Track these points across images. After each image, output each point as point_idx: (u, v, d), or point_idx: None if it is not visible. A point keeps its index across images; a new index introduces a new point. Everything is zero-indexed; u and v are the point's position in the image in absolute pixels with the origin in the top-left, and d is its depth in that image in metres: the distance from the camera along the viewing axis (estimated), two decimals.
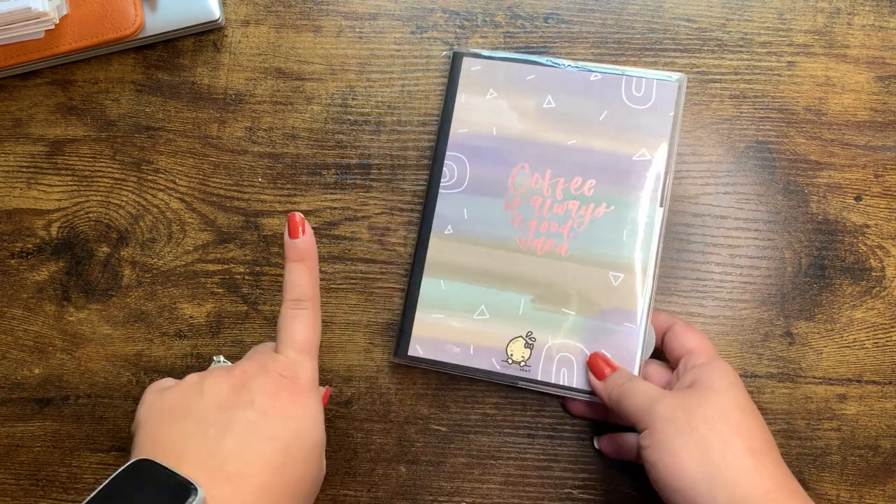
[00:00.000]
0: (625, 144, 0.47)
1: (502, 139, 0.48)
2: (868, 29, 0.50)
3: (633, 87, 0.47)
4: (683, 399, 0.41)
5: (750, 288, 0.49)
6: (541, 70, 0.48)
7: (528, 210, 0.47)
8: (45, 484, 0.49)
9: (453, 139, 0.48)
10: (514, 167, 0.47)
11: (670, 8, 0.51)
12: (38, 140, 0.51)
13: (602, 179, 0.47)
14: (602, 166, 0.47)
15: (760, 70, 0.50)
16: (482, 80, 0.49)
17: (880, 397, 0.48)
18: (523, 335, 0.47)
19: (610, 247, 0.46)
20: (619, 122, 0.47)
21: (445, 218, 0.48)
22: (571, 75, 0.48)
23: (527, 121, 0.48)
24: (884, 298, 0.49)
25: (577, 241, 0.47)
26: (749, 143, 0.50)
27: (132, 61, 0.51)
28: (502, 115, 0.48)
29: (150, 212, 0.50)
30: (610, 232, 0.46)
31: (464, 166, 0.48)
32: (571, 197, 0.47)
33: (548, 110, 0.48)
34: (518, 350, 0.47)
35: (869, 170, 0.50)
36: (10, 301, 0.50)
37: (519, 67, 0.48)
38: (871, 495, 0.48)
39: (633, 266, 0.46)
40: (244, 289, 0.50)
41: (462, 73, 0.49)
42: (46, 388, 0.50)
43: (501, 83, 0.48)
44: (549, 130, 0.48)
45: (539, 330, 0.47)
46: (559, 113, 0.48)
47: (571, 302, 0.47)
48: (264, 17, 0.51)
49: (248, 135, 0.51)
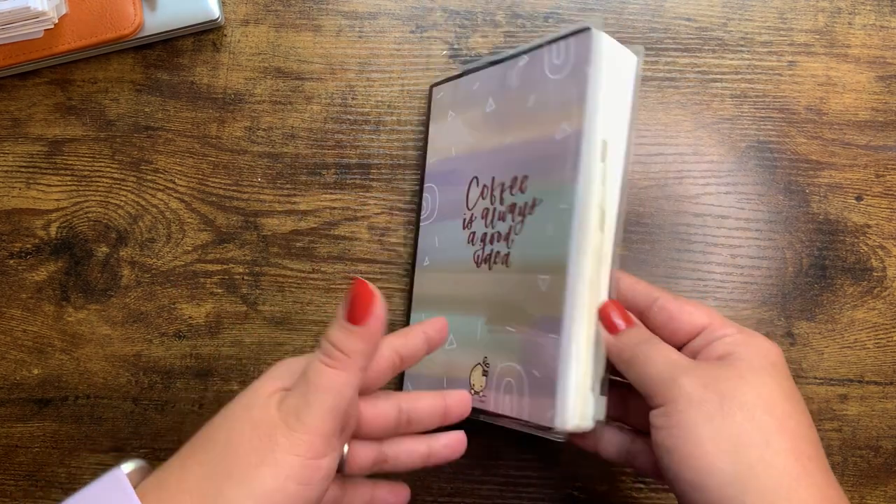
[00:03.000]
0: (548, 125, 0.39)
1: (459, 158, 0.45)
2: (869, 28, 0.50)
3: (554, 55, 0.39)
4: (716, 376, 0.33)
5: (751, 288, 0.49)
6: (482, 75, 0.44)
7: (479, 225, 0.43)
8: (43, 484, 0.49)
9: (428, 170, 0.48)
10: (467, 183, 0.44)
11: (671, 7, 0.51)
12: (37, 140, 0.51)
13: (532, 172, 0.40)
14: (530, 158, 0.40)
15: (761, 70, 0.50)
16: (444, 104, 0.47)
17: (881, 398, 0.48)
18: (481, 362, 0.41)
19: (539, 247, 0.39)
20: (543, 101, 0.39)
21: (424, 251, 0.47)
22: (504, 69, 0.43)
23: (476, 131, 0.44)
24: (885, 298, 0.49)
25: (516, 248, 0.40)
26: (750, 142, 0.50)
27: (131, 61, 0.51)
28: (458, 133, 0.46)
29: (150, 212, 0.50)
30: (539, 230, 0.39)
31: (435, 196, 0.47)
32: (511, 200, 0.41)
33: (489, 114, 0.43)
34: (478, 379, 0.42)
35: (870, 170, 0.50)
36: (9, 301, 0.50)
37: (467, 80, 0.45)
38: (872, 496, 0.48)
39: (556, 264, 0.37)
40: (243, 289, 0.50)
41: (433, 103, 0.48)
42: (45, 388, 0.50)
43: (457, 101, 0.46)
44: (491, 135, 0.43)
45: (492, 354, 0.41)
46: (498, 114, 0.43)
47: (513, 317, 0.40)
48: (264, 16, 0.51)
49: (248, 134, 0.51)
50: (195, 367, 0.49)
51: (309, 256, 0.50)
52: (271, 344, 0.49)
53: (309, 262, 0.50)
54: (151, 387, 0.49)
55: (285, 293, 0.50)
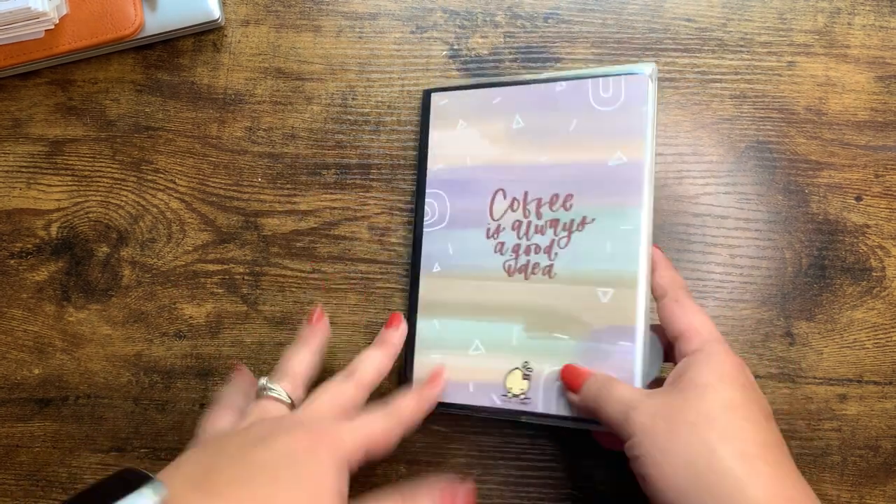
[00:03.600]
0: (598, 151, 0.44)
1: (477, 168, 0.47)
2: (868, 29, 0.50)
3: (601, 88, 0.44)
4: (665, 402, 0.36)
5: (750, 288, 0.49)
6: (506, 91, 0.47)
7: (510, 236, 0.46)
8: (44, 484, 0.49)
9: (431, 177, 0.48)
10: (492, 194, 0.46)
11: (671, 8, 0.51)
12: (38, 140, 0.51)
13: (580, 192, 0.44)
14: (578, 179, 0.44)
15: (761, 70, 0.50)
16: (451, 112, 0.48)
17: (881, 398, 0.48)
18: (520, 366, 0.44)
19: (595, 262, 0.43)
20: (590, 128, 0.44)
21: (432, 256, 0.47)
22: (537, 90, 0.46)
23: (498, 145, 0.46)
24: (884, 298, 0.49)
25: (561, 260, 0.44)
26: (749, 142, 0.50)
27: (132, 61, 0.51)
28: (474, 144, 0.47)
29: (150, 212, 0.50)
30: (593, 246, 0.43)
31: (444, 202, 0.47)
32: (551, 216, 0.45)
33: (517, 130, 0.46)
34: (516, 382, 0.44)
35: (869, 170, 0.50)
36: (10, 301, 0.50)
37: (484, 93, 0.47)
38: (871, 496, 0.48)
39: (621, 279, 0.42)
40: (244, 289, 0.50)
41: (432, 109, 0.48)
42: (46, 388, 0.50)
43: (470, 112, 0.47)
44: (521, 151, 0.46)
45: (535, 359, 0.44)
46: (529, 131, 0.46)
47: (563, 325, 0.44)
48: (264, 16, 0.51)
49: (248, 135, 0.51)
50: (196, 367, 0.49)
51: (309, 256, 0.50)
52: (271, 344, 0.50)
53: (309, 262, 0.50)
54: (152, 386, 0.49)
55: (285, 293, 0.50)
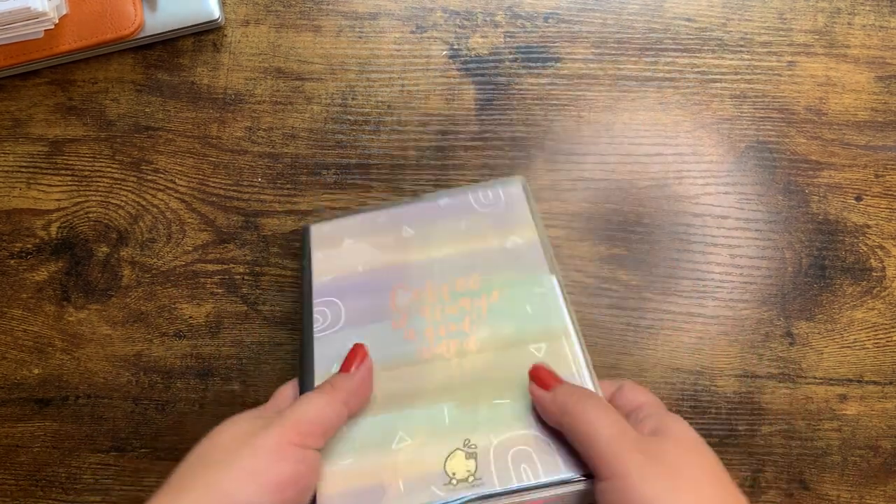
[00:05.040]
0: (493, 238, 0.46)
1: (371, 272, 0.46)
2: (868, 29, 0.50)
3: (481, 196, 0.48)
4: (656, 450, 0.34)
5: (750, 288, 0.49)
6: (389, 210, 0.48)
7: (420, 322, 0.44)
8: (44, 484, 0.49)
9: (318, 290, 0.46)
10: (391, 291, 0.45)
11: (670, 7, 0.51)
12: (38, 140, 0.51)
13: (485, 271, 0.45)
14: (479, 262, 0.45)
15: (761, 70, 0.50)
16: (335, 235, 0.48)
17: (881, 398, 0.48)
18: (460, 446, 0.39)
19: (519, 323, 0.43)
20: (479, 224, 0.47)
21: (329, 357, 0.43)
22: (419, 206, 0.48)
23: (391, 251, 0.46)
24: (884, 299, 0.49)
25: (482, 330, 0.43)
26: (749, 143, 0.50)
27: (132, 61, 0.51)
28: (364, 253, 0.47)
29: (150, 212, 0.50)
30: (512, 310, 0.43)
31: (337, 307, 0.45)
32: (461, 294, 0.44)
33: (408, 237, 0.47)
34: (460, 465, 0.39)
35: (869, 170, 0.50)
36: (10, 301, 0.50)
37: (369, 215, 0.48)
38: (871, 496, 0.48)
39: (551, 332, 0.42)
40: (244, 289, 0.50)
41: (312, 239, 0.47)
42: (46, 388, 0.50)
43: (355, 231, 0.47)
44: (416, 251, 0.46)
45: (477, 434, 0.39)
46: (420, 236, 0.47)
47: (501, 390, 0.40)
48: (264, 16, 0.51)
49: (248, 135, 0.51)
50: (195, 367, 0.49)
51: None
52: (271, 344, 0.50)
53: None
54: (152, 387, 0.49)
55: (285, 293, 0.50)
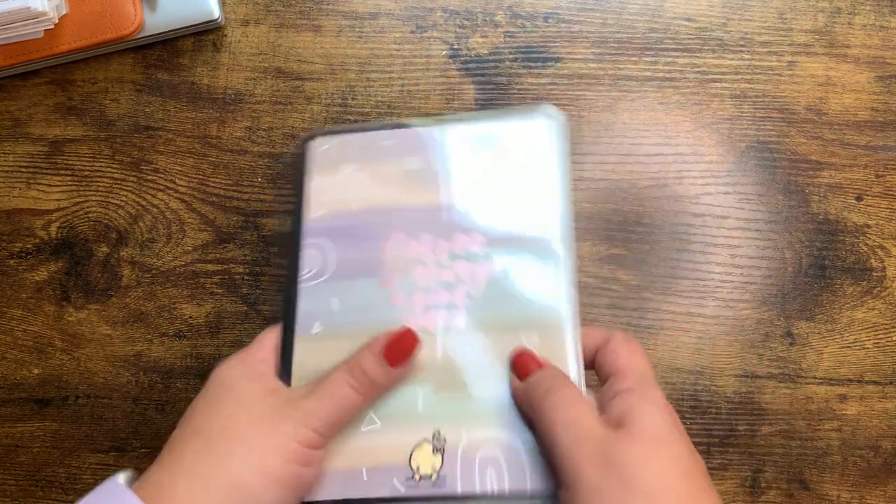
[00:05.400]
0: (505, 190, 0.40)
1: (366, 212, 0.41)
2: (869, 28, 0.50)
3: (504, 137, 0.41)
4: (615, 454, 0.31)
5: (750, 288, 0.49)
6: (398, 133, 0.42)
7: (409, 284, 0.39)
8: (44, 484, 0.49)
9: (310, 226, 0.41)
10: (385, 240, 0.40)
11: (671, 7, 0.51)
12: (38, 140, 0.51)
13: (490, 231, 0.39)
14: (486, 217, 0.40)
15: (761, 70, 0.50)
16: (334, 157, 0.42)
17: (881, 398, 0.48)
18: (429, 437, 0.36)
19: (515, 306, 0.38)
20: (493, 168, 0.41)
21: (311, 315, 0.39)
22: (431, 134, 0.42)
23: (391, 188, 0.41)
24: (884, 299, 0.49)
25: (475, 308, 0.38)
26: (750, 142, 0.50)
27: (131, 61, 0.51)
28: (362, 187, 0.41)
29: (150, 212, 0.50)
30: (511, 289, 0.38)
31: (326, 253, 0.40)
32: (458, 258, 0.39)
33: (411, 172, 0.41)
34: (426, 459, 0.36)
35: (870, 170, 0.50)
36: (10, 301, 0.50)
37: (373, 136, 0.42)
38: (871, 496, 0.48)
39: (547, 320, 0.37)
40: (244, 289, 0.50)
41: (310, 156, 0.42)
42: (46, 388, 0.50)
43: (357, 155, 0.42)
44: (417, 192, 0.41)
45: (449, 426, 0.36)
46: (425, 172, 0.41)
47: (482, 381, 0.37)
48: (264, 16, 0.51)
49: (248, 135, 0.51)
50: (195, 367, 0.49)
51: None
52: None
53: None
54: (152, 387, 0.49)
55: None
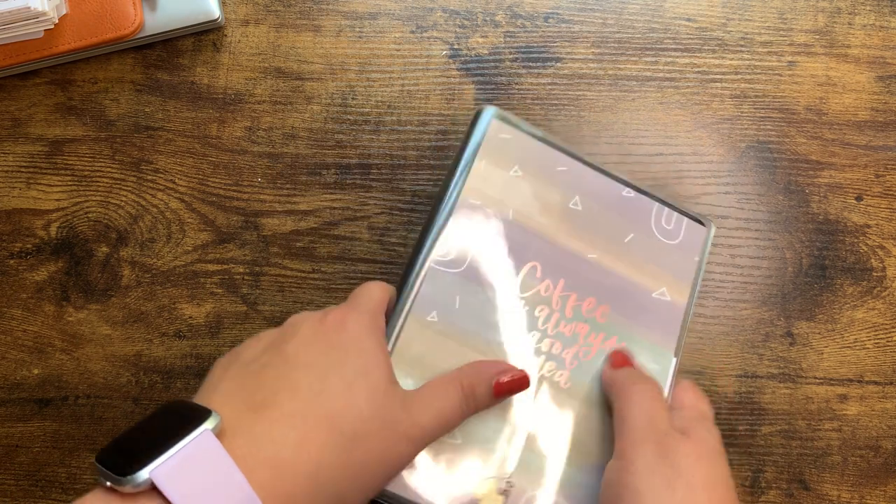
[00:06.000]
0: (647, 277, 0.41)
1: (518, 227, 0.40)
2: (869, 28, 0.50)
3: (664, 218, 0.42)
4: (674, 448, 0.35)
5: (751, 288, 0.49)
6: (573, 164, 0.42)
7: (531, 320, 0.39)
8: (44, 484, 0.49)
9: (462, 206, 0.40)
10: (525, 264, 0.40)
11: (671, 7, 0.51)
12: (38, 140, 0.51)
13: (617, 308, 0.40)
14: (619, 293, 0.40)
15: (761, 70, 0.50)
16: (508, 151, 0.41)
17: (881, 398, 0.48)
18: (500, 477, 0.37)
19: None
20: (644, 249, 0.41)
21: (432, 301, 0.38)
22: (603, 183, 0.42)
23: (549, 216, 0.40)
24: (885, 299, 0.49)
25: (580, 372, 0.39)
26: (750, 142, 0.50)
27: (131, 61, 0.51)
28: (523, 199, 0.40)
29: (150, 212, 0.50)
30: None
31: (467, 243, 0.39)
32: (582, 319, 0.40)
33: (574, 212, 0.41)
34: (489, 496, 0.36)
35: (870, 170, 0.50)
36: (10, 301, 0.50)
37: (552, 154, 0.42)
38: (871, 496, 0.48)
39: None
40: (244, 289, 0.50)
41: (488, 135, 0.41)
42: (45, 388, 0.50)
43: (529, 163, 0.41)
44: (571, 235, 0.40)
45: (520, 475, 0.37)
46: (585, 219, 0.41)
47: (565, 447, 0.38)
48: (264, 16, 0.51)
49: (248, 135, 0.51)
50: (195, 367, 0.49)
51: (309, 256, 0.50)
52: None
53: (309, 262, 0.50)
54: (152, 387, 0.49)
55: (285, 293, 0.50)
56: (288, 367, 0.34)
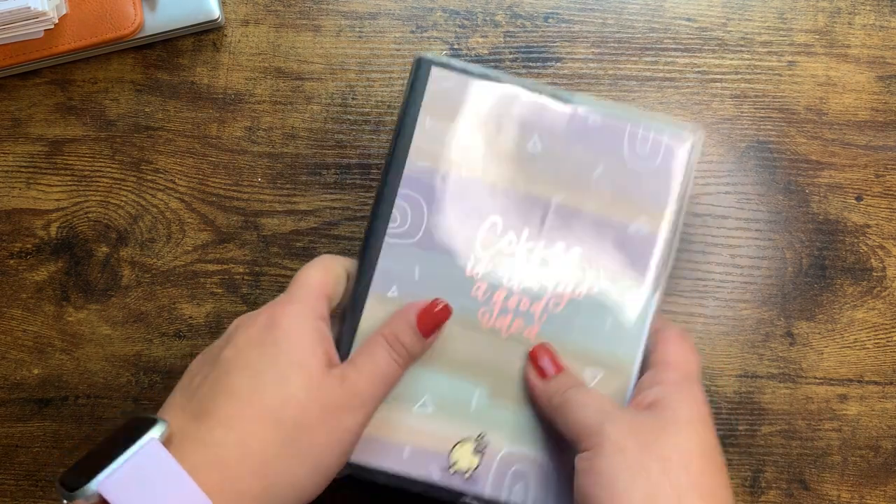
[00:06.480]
0: (620, 210, 0.38)
1: (473, 183, 0.38)
2: (869, 28, 0.50)
3: (639, 140, 0.38)
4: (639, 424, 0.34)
5: (751, 288, 0.49)
6: (528, 101, 0.39)
7: (495, 278, 0.38)
8: (44, 485, 0.49)
9: (410, 173, 0.38)
10: (484, 221, 0.38)
11: (671, 7, 0.51)
12: (38, 140, 0.51)
13: (589, 250, 0.38)
14: (591, 234, 0.38)
15: (761, 70, 0.50)
16: (453, 101, 0.38)
17: (881, 398, 0.48)
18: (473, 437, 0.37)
19: (589, 337, 0.38)
20: (616, 180, 0.38)
21: (390, 276, 0.38)
22: (564, 113, 0.38)
23: (506, 164, 0.38)
24: (885, 298, 0.49)
25: (550, 324, 0.38)
26: (750, 142, 0.50)
27: (131, 61, 0.51)
28: (476, 152, 0.38)
29: (150, 212, 0.50)
30: (591, 318, 0.38)
31: (420, 211, 0.38)
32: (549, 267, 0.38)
33: (532, 154, 0.38)
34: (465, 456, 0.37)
35: (870, 170, 0.50)
36: (10, 301, 0.50)
37: (502, 94, 0.38)
38: (871, 496, 0.48)
39: (615, 363, 0.38)
40: (244, 289, 0.50)
41: (429, 88, 0.38)
42: (45, 388, 0.50)
43: (478, 110, 0.38)
44: (531, 180, 0.38)
45: (493, 432, 0.37)
46: (546, 159, 0.38)
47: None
48: (264, 16, 0.51)
49: (248, 134, 0.51)
50: None
51: (309, 256, 0.50)
52: None
53: None
54: (152, 387, 0.49)
55: None
56: (224, 373, 0.35)
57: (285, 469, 0.33)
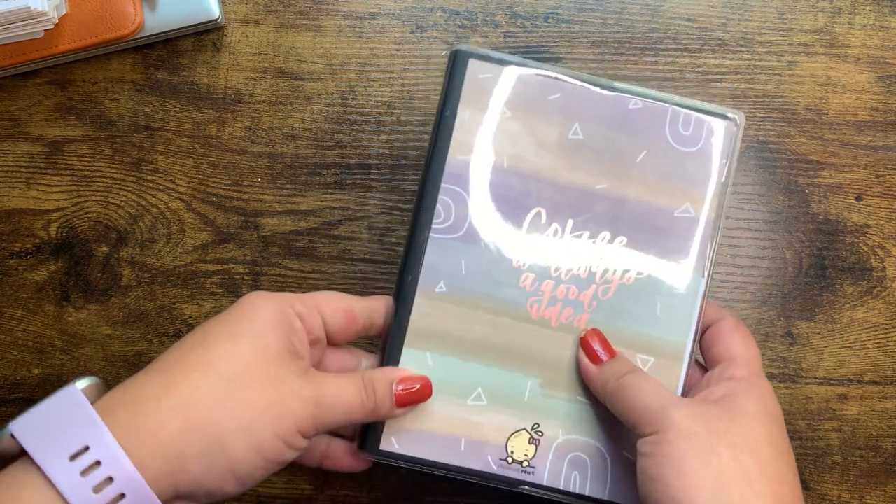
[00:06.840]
0: (665, 195, 0.38)
1: (515, 174, 0.38)
2: (869, 28, 0.50)
3: (681, 122, 0.38)
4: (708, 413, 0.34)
5: (751, 288, 0.49)
6: (568, 89, 0.38)
7: (543, 270, 0.38)
8: None
9: (451, 167, 0.38)
10: (528, 212, 0.38)
11: (671, 7, 0.51)
12: (37, 140, 0.51)
13: (635, 237, 0.38)
14: (636, 220, 0.38)
15: (761, 70, 0.50)
16: (492, 92, 0.38)
17: (881, 398, 0.48)
18: (528, 428, 0.38)
19: (640, 323, 0.38)
20: (660, 165, 0.38)
21: (437, 272, 0.38)
22: (605, 100, 0.38)
23: (547, 154, 0.38)
24: (885, 299, 0.49)
25: (599, 312, 0.38)
26: (750, 142, 0.50)
27: (131, 61, 0.51)
28: (517, 142, 0.38)
29: (150, 212, 0.50)
30: (641, 304, 0.38)
31: (463, 205, 0.38)
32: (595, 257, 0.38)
33: (574, 142, 0.38)
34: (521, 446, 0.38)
35: (870, 170, 0.50)
36: (10, 301, 0.50)
37: (541, 82, 0.38)
38: (871, 496, 0.48)
39: (667, 349, 0.38)
40: (243, 289, 0.50)
41: (467, 79, 0.38)
42: (46, 388, 0.50)
43: (518, 100, 0.38)
44: (574, 169, 0.38)
45: (547, 422, 0.38)
46: (588, 147, 0.38)
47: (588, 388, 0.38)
48: (264, 16, 0.51)
49: (248, 135, 0.51)
50: None
51: (309, 256, 0.50)
52: None
53: (309, 262, 0.50)
54: None
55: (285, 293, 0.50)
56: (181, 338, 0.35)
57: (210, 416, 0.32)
